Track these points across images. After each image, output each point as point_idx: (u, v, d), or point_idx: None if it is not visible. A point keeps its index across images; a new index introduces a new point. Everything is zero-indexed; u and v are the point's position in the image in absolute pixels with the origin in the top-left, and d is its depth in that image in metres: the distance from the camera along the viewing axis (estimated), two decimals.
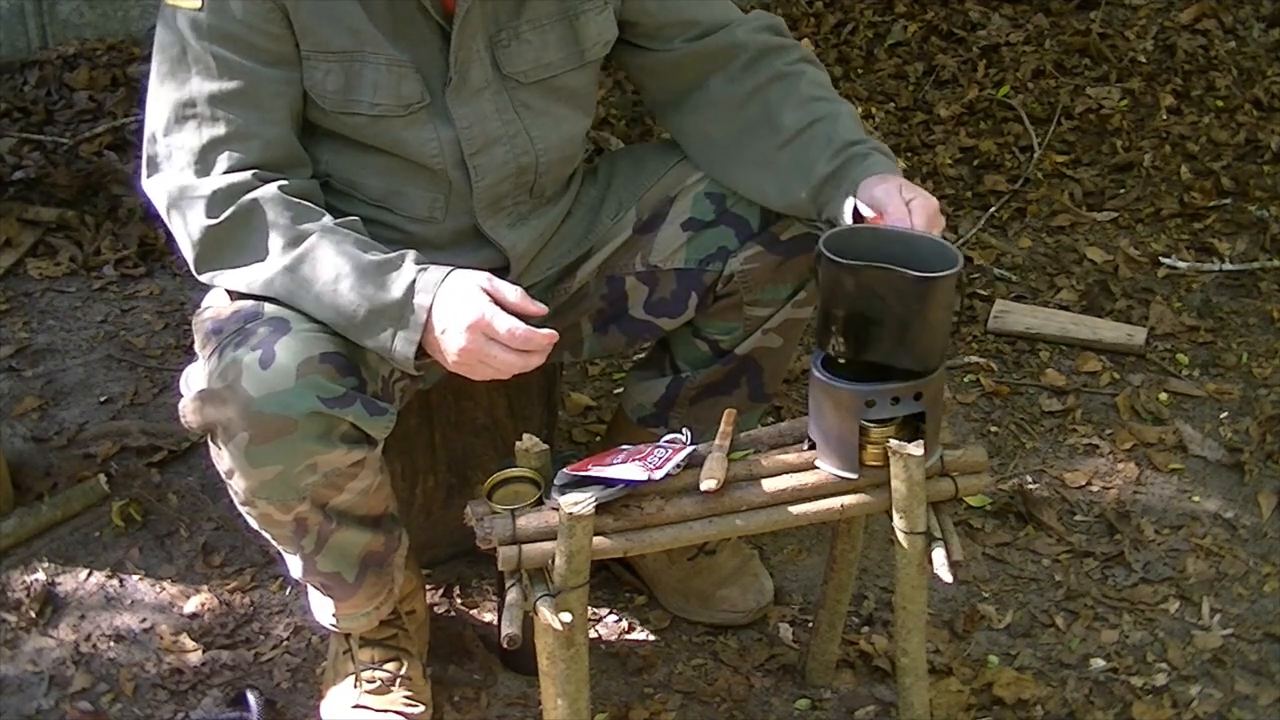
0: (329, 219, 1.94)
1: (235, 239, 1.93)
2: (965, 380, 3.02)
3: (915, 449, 1.92)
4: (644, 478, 1.90)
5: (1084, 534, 2.68)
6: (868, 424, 1.94)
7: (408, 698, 2.26)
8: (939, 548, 1.98)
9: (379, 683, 2.26)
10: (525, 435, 1.97)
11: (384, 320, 1.88)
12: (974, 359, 3.06)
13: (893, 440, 1.94)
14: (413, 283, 1.87)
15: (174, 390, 2.83)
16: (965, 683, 2.36)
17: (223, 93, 1.93)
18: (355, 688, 2.26)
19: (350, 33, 1.97)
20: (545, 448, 1.96)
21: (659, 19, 2.16)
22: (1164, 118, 3.84)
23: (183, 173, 1.94)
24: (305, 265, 1.90)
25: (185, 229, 1.95)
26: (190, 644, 2.42)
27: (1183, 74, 4.01)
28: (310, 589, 2.20)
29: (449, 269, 1.89)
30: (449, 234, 2.12)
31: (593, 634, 2.43)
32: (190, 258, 1.97)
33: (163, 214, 1.98)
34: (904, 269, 1.85)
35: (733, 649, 2.45)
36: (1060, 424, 2.92)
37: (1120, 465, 2.82)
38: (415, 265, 1.90)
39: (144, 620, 2.47)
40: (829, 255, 1.87)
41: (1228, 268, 3.33)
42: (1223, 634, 2.48)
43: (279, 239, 1.91)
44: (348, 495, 1.98)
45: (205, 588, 2.52)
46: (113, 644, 2.43)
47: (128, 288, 3.23)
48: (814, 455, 2.00)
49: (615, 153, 2.43)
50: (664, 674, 2.40)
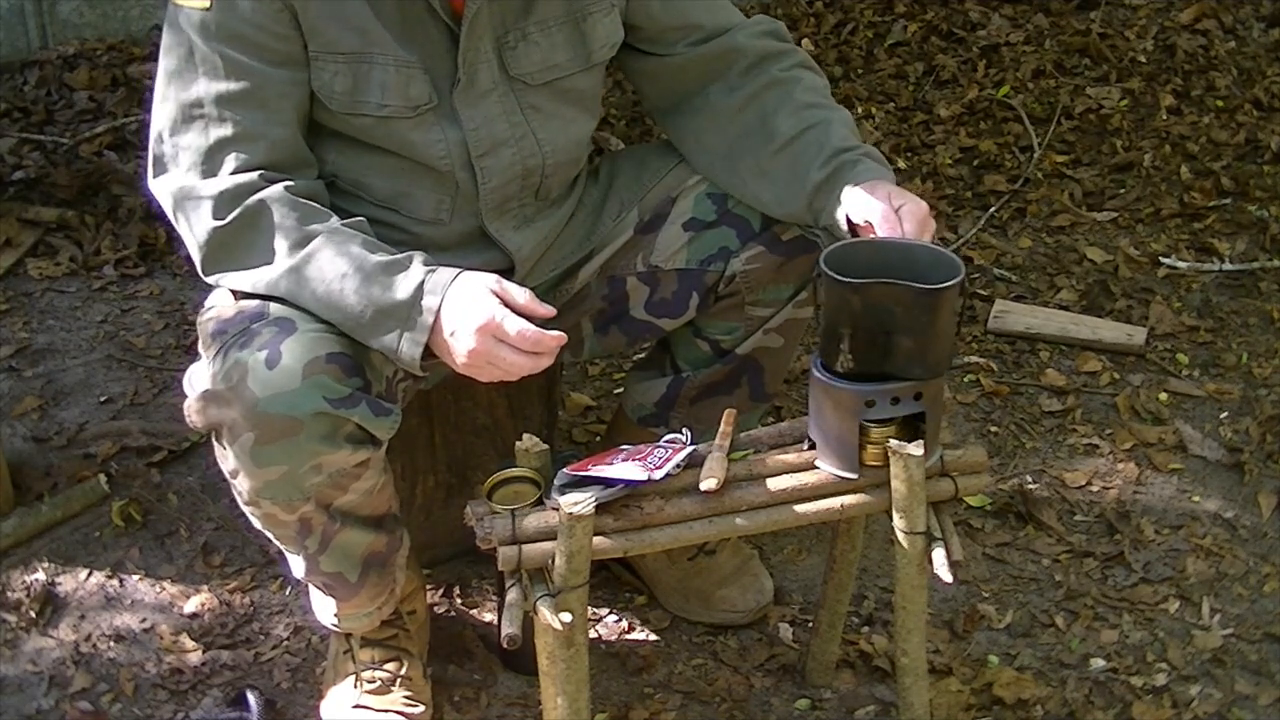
0: (335, 220, 1.94)
1: (242, 240, 1.93)
2: (965, 380, 3.02)
3: (915, 449, 1.92)
4: (644, 478, 1.90)
5: (1084, 534, 2.68)
6: (868, 424, 1.94)
7: (408, 698, 2.26)
8: (939, 548, 1.98)
9: (379, 683, 2.26)
10: (525, 435, 1.97)
11: (391, 321, 1.88)
12: (974, 359, 3.06)
13: (893, 440, 1.94)
14: (421, 284, 1.87)
15: (174, 390, 2.84)
16: (965, 683, 2.36)
17: (230, 93, 1.93)
18: (355, 688, 2.26)
19: (358, 33, 1.97)
20: (545, 448, 1.96)
21: (662, 22, 2.16)
22: (1164, 118, 3.84)
23: (189, 173, 1.94)
24: (311, 266, 1.90)
25: (191, 230, 1.95)
26: (190, 644, 2.42)
27: (1183, 74, 4.02)
28: (312, 589, 2.20)
29: (457, 270, 1.89)
30: (455, 236, 2.12)
31: (593, 634, 2.43)
32: (197, 259, 1.97)
33: (169, 215, 1.98)
34: (907, 282, 1.85)
35: (733, 649, 2.45)
36: (1060, 424, 2.92)
37: (1120, 465, 2.82)
38: (423, 266, 1.89)
39: (144, 620, 2.47)
40: (832, 275, 1.86)
41: (1228, 268, 3.33)
42: (1223, 634, 2.48)
43: (285, 240, 1.91)
44: (352, 495, 1.98)
45: (205, 588, 2.52)
46: (113, 644, 2.42)
47: (128, 288, 3.23)
48: (814, 455, 2.00)
49: (616, 153, 2.43)
50: (664, 674, 2.40)
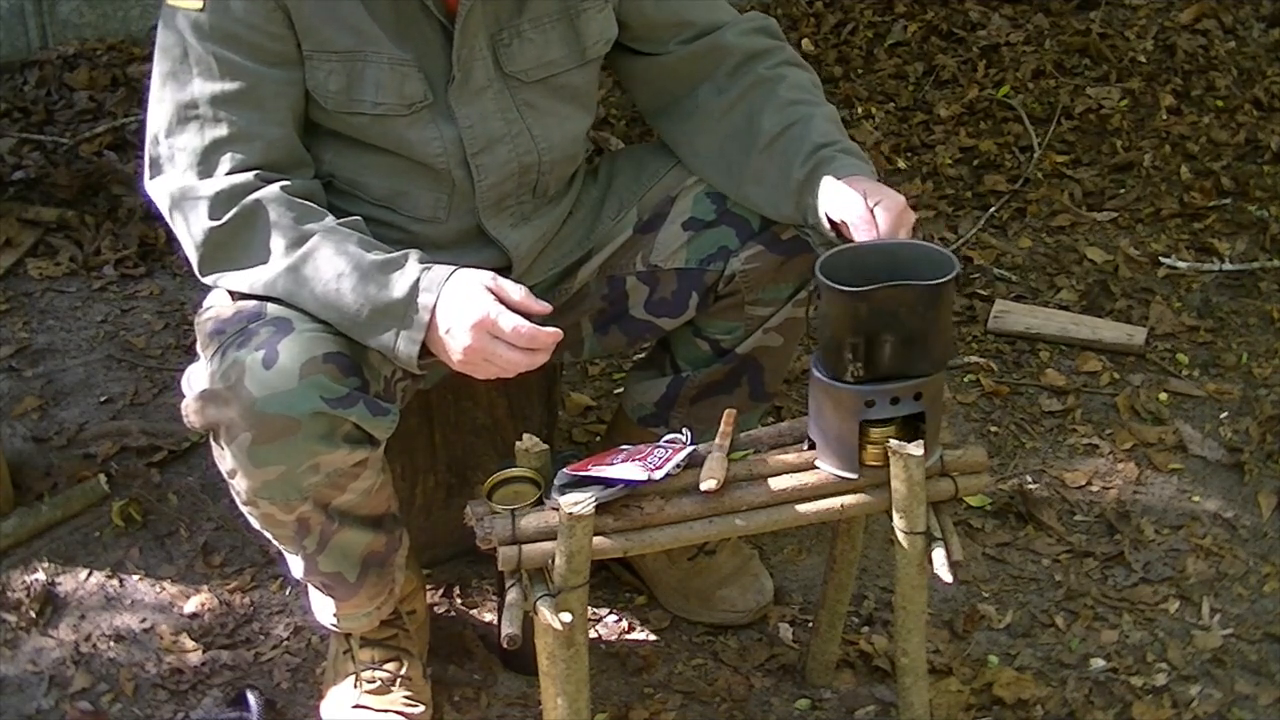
0: (331, 219, 1.94)
1: (238, 240, 1.93)
2: (965, 380, 3.02)
3: (915, 449, 1.92)
4: (644, 478, 1.90)
5: (1084, 534, 2.68)
6: (868, 424, 1.94)
7: (408, 698, 2.26)
8: (939, 548, 1.98)
9: (379, 683, 2.26)
10: (525, 435, 1.97)
11: (387, 320, 1.88)
12: (974, 359, 3.06)
13: (893, 440, 1.94)
14: (416, 282, 1.87)
15: (174, 390, 2.84)
16: (965, 683, 2.36)
17: (225, 93, 1.93)
18: (355, 688, 2.26)
19: (352, 32, 1.97)
20: (545, 448, 1.96)
21: (655, 19, 2.16)
22: (1164, 118, 3.84)
23: (185, 174, 1.94)
24: (308, 265, 1.90)
25: (188, 231, 1.95)
26: (190, 644, 2.42)
27: (1183, 74, 4.01)
28: (311, 589, 2.20)
29: (453, 268, 1.89)
30: (452, 234, 2.12)
31: (593, 634, 2.43)
32: (194, 259, 1.97)
33: (166, 216, 1.98)
34: (910, 281, 1.85)
35: (733, 649, 2.45)
36: (1060, 424, 2.92)
37: (1120, 465, 2.82)
38: (419, 264, 1.90)
39: (144, 620, 2.47)
40: (837, 287, 1.86)
41: (1228, 268, 3.33)
42: (1223, 634, 2.48)
43: (282, 239, 1.91)
44: (350, 495, 1.98)
45: (205, 588, 2.52)
46: (113, 644, 2.42)
47: (128, 288, 3.22)
48: (814, 455, 2.00)
49: (616, 153, 2.43)
50: (664, 674, 2.40)
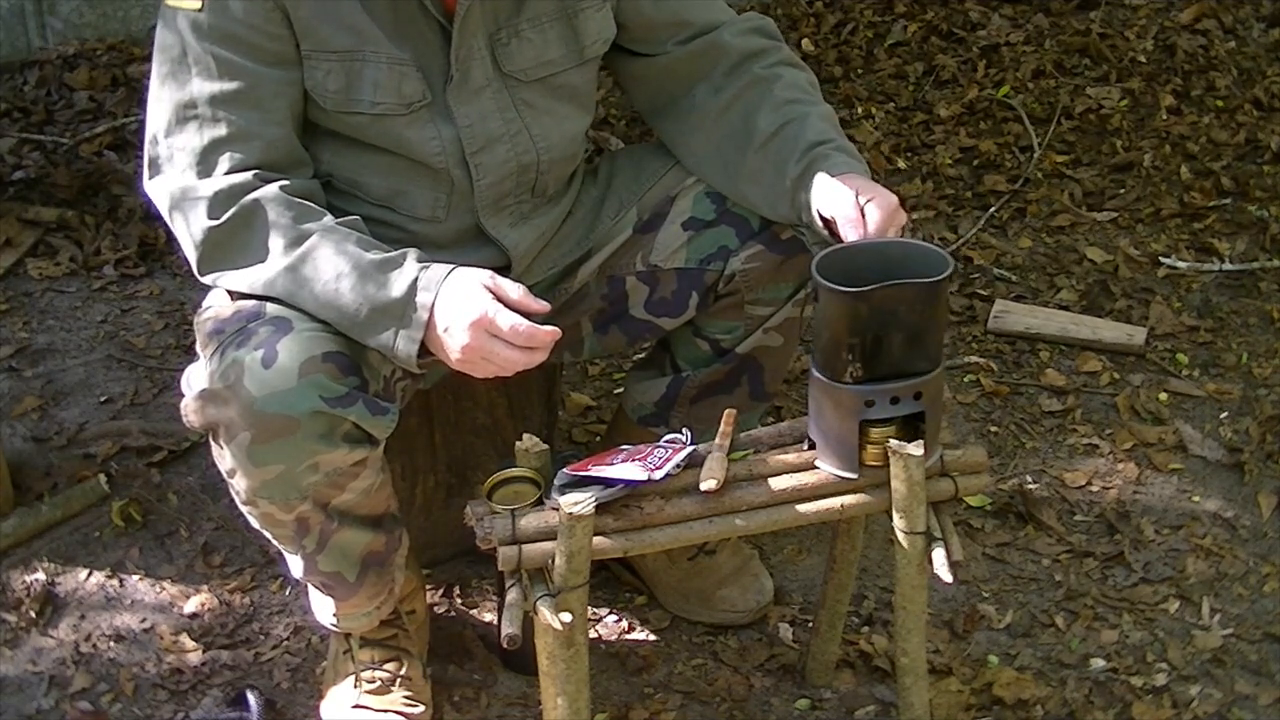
0: (330, 219, 1.95)
1: (237, 240, 1.93)
2: (965, 380, 3.02)
3: (915, 449, 1.92)
4: (644, 478, 1.90)
5: (1084, 534, 2.68)
6: (868, 424, 1.94)
7: (408, 698, 2.26)
8: (939, 548, 1.98)
9: (379, 683, 2.26)
10: (525, 435, 1.97)
11: (386, 319, 1.88)
12: (974, 359, 3.06)
13: (893, 440, 1.94)
14: (415, 280, 1.87)
15: (174, 390, 2.83)
16: (965, 683, 2.36)
17: (223, 93, 1.93)
18: (355, 688, 2.26)
19: (351, 32, 1.97)
20: (545, 448, 1.96)
21: (653, 19, 2.16)
22: (1164, 118, 3.84)
23: (184, 174, 1.95)
24: (307, 265, 1.90)
25: (187, 230, 1.95)
26: (190, 644, 2.42)
27: (1183, 74, 4.01)
28: (311, 589, 2.20)
29: (451, 267, 1.89)
30: (451, 233, 2.12)
31: (593, 634, 2.43)
32: (193, 259, 1.97)
33: (165, 216, 1.98)
34: (908, 280, 1.85)
35: (733, 649, 2.45)
36: (1060, 424, 2.92)
37: (1120, 465, 2.82)
38: (417, 263, 1.90)
39: (144, 620, 2.47)
40: (837, 288, 1.86)
41: (1228, 268, 3.33)
42: (1223, 634, 2.47)
43: (280, 239, 1.91)
44: (349, 495, 1.98)
45: (205, 588, 2.52)
46: (113, 644, 2.42)
47: (128, 288, 3.22)
48: (814, 455, 2.00)
49: (615, 152, 2.43)
50: (664, 674, 2.40)
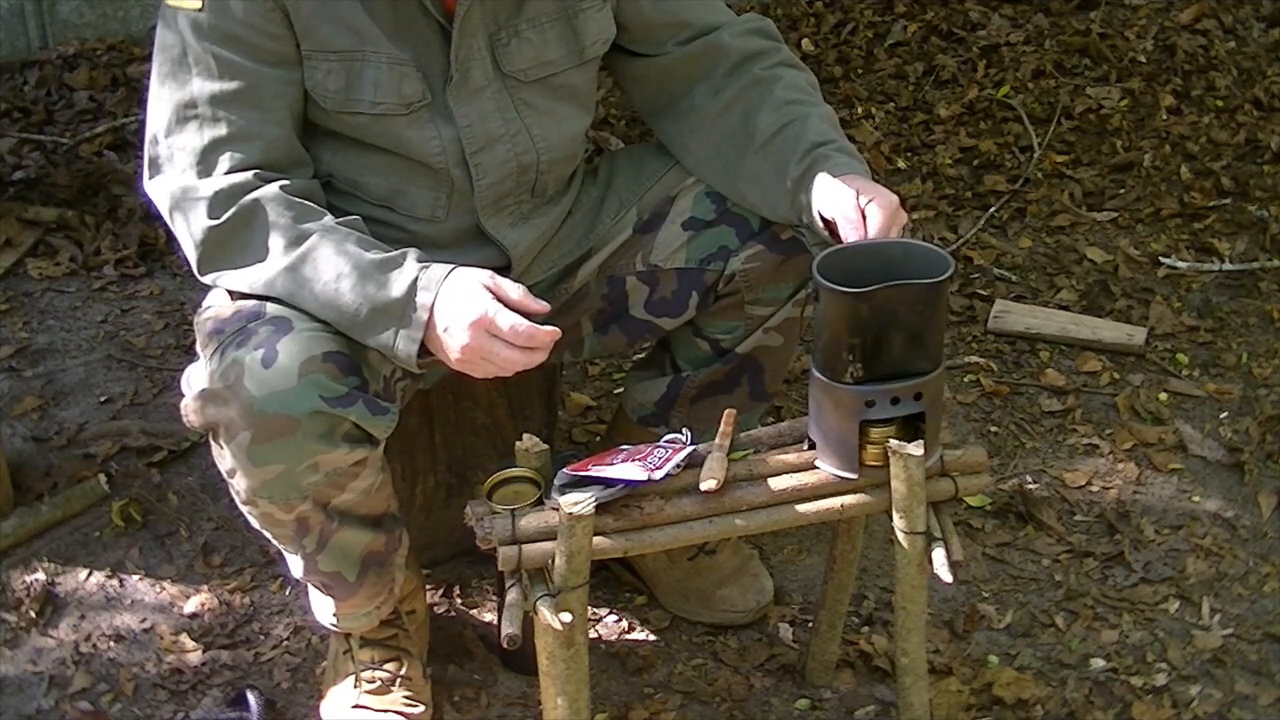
0: (330, 218, 1.95)
1: (237, 239, 1.93)
2: (965, 380, 3.02)
3: (915, 449, 1.92)
4: (644, 478, 1.90)
5: (1084, 534, 2.68)
6: (868, 424, 1.94)
7: (408, 698, 2.26)
8: (939, 548, 1.98)
9: (379, 683, 2.26)
10: (525, 435, 1.97)
11: (386, 319, 1.88)
12: (974, 359, 3.06)
13: (893, 440, 1.93)
14: (415, 280, 1.87)
15: (174, 390, 2.83)
16: (965, 683, 2.36)
17: (224, 93, 1.93)
18: (355, 688, 2.26)
19: (351, 32, 1.97)
20: (545, 448, 1.96)
21: (653, 20, 2.16)
22: (1164, 118, 3.84)
23: (184, 174, 1.95)
24: (307, 265, 1.90)
25: (188, 230, 1.95)
26: (190, 644, 2.42)
27: (1183, 74, 4.01)
28: (311, 589, 2.20)
29: (451, 266, 1.89)
30: (451, 233, 2.12)
31: (593, 634, 2.43)
32: (193, 259, 1.97)
33: (165, 215, 1.98)
34: (904, 280, 1.85)
35: (733, 649, 2.45)
36: (1060, 424, 2.92)
37: (1120, 465, 2.82)
38: (417, 263, 1.90)
39: (144, 620, 2.47)
40: (839, 289, 1.85)
41: (1228, 268, 3.33)
42: (1223, 634, 2.47)
43: (280, 239, 1.91)
44: (349, 495, 1.98)
45: (205, 588, 2.52)
46: (113, 644, 2.42)
47: (128, 288, 3.22)
48: (814, 455, 2.00)
49: (615, 152, 2.43)
50: (664, 674, 2.40)
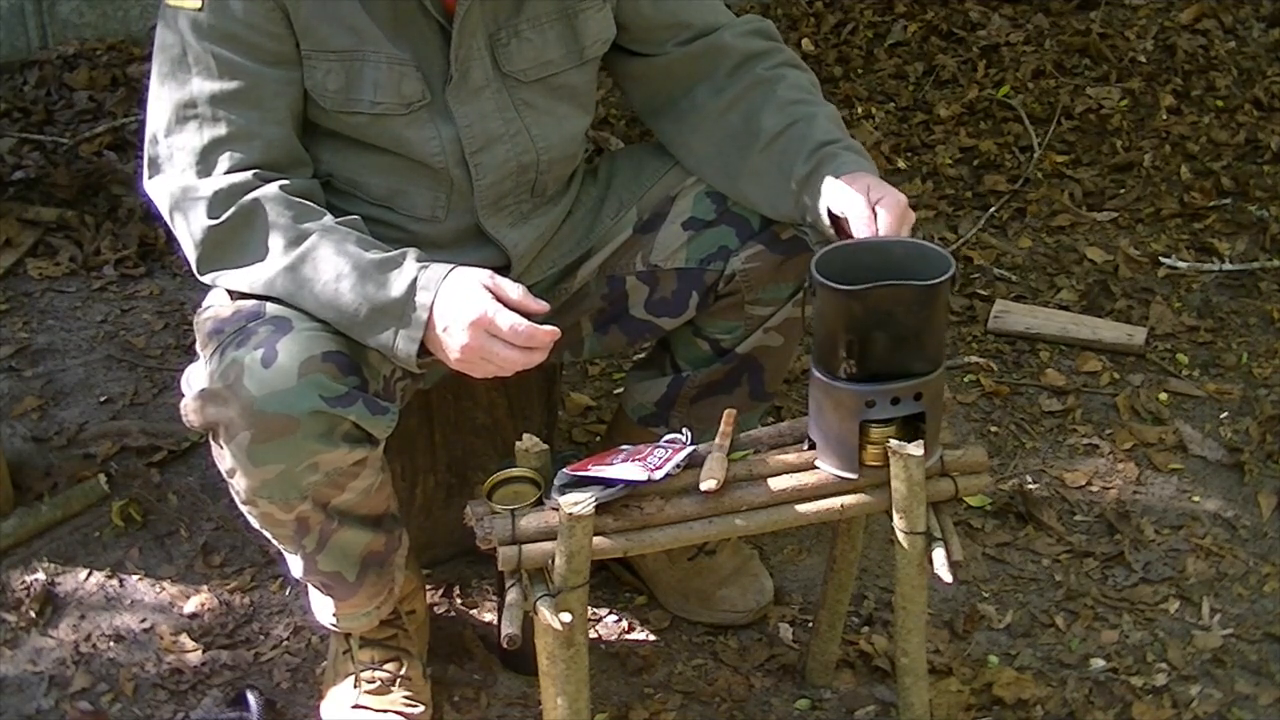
0: (330, 218, 1.95)
1: (237, 239, 1.93)
2: (965, 380, 3.02)
3: (915, 449, 1.92)
4: (644, 478, 1.90)
5: (1084, 534, 2.68)
6: (868, 424, 1.94)
7: (408, 698, 2.26)
8: (939, 548, 1.98)
9: (379, 683, 2.26)
10: (525, 435, 1.97)
11: (386, 319, 1.88)
12: (974, 359, 3.06)
13: (893, 440, 1.93)
14: (414, 280, 1.87)
15: (174, 390, 2.83)
16: (965, 683, 2.36)
17: (224, 93, 1.93)
18: (355, 688, 2.26)
19: (351, 32, 1.97)
20: (545, 448, 1.96)
21: (652, 20, 2.16)
22: (1164, 118, 3.84)
23: (184, 173, 1.95)
24: (306, 264, 1.90)
25: (187, 230, 1.95)
26: (190, 644, 2.42)
27: (1183, 74, 4.01)
28: (311, 589, 2.20)
29: (450, 266, 1.89)
30: (451, 233, 2.12)
31: (593, 634, 2.43)
32: (192, 258, 1.97)
33: (165, 215, 1.99)
34: (903, 281, 1.85)
35: (733, 649, 2.45)
36: (1060, 424, 2.92)
37: (1120, 465, 2.82)
38: (416, 263, 1.90)
39: (144, 620, 2.47)
40: (832, 285, 1.86)
41: (1228, 268, 3.33)
42: (1223, 634, 2.47)
43: (280, 238, 1.91)
44: (349, 494, 1.98)
45: (205, 588, 2.52)
46: (113, 644, 2.42)
47: (128, 288, 3.23)
48: (814, 455, 2.00)
49: (615, 152, 2.43)
50: (664, 674, 2.40)
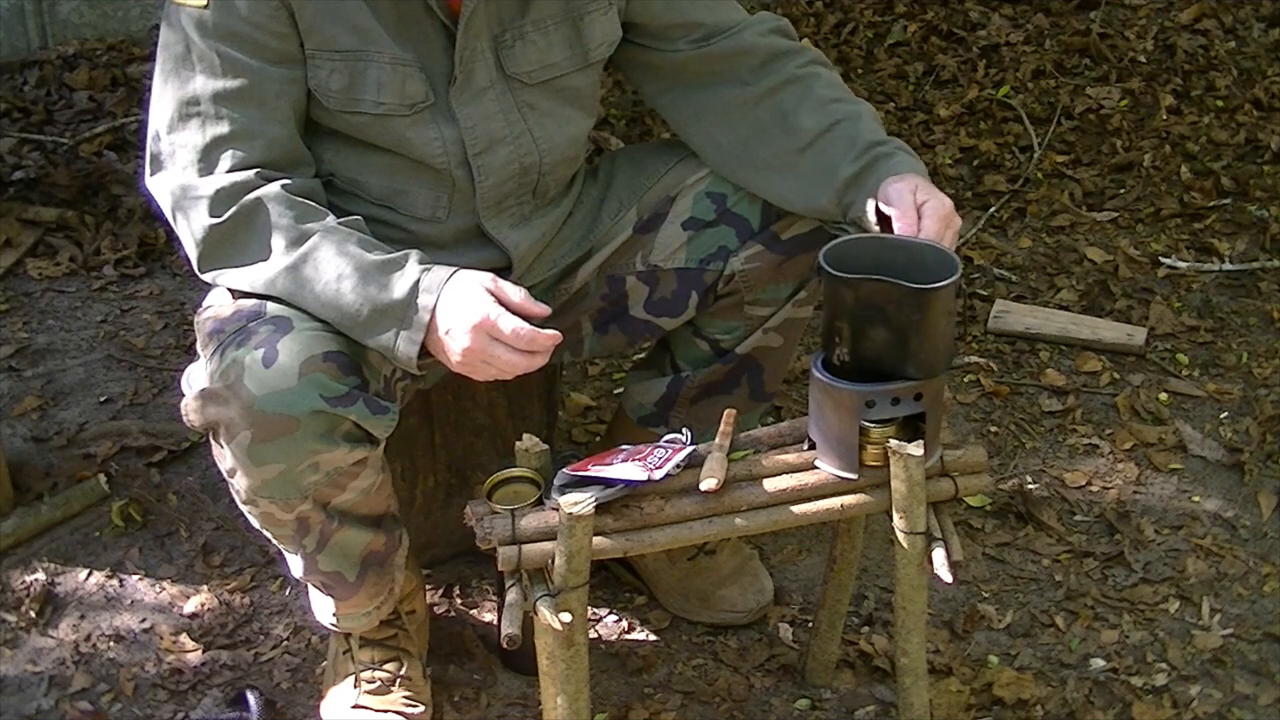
0: (332, 218, 1.94)
1: (238, 238, 1.93)
2: (965, 380, 3.02)
3: (915, 449, 1.92)
4: (644, 478, 1.90)
5: (1084, 534, 2.68)
6: (868, 424, 1.94)
7: (408, 698, 2.26)
8: (939, 548, 1.98)
9: (379, 683, 2.26)
10: (525, 435, 1.97)
11: (387, 320, 1.88)
12: (974, 359, 3.06)
13: (893, 440, 1.93)
14: (417, 282, 1.87)
15: (174, 390, 2.84)
16: (965, 683, 2.36)
17: (227, 91, 1.93)
18: (355, 688, 2.26)
19: (355, 32, 1.97)
20: (545, 448, 1.96)
21: (663, 20, 2.16)
22: (1164, 118, 3.84)
23: (186, 171, 1.95)
24: (308, 265, 1.90)
25: (188, 228, 1.95)
26: (190, 644, 2.42)
27: (1183, 74, 4.02)
28: (311, 588, 2.19)
29: (453, 269, 1.89)
30: (452, 234, 2.12)
31: (593, 634, 2.43)
32: (193, 257, 1.97)
33: (166, 213, 1.98)
34: (900, 280, 1.85)
35: (733, 649, 2.45)
36: (1060, 424, 2.92)
37: (1120, 465, 2.82)
38: (419, 265, 1.90)
39: (144, 620, 2.47)
40: (828, 269, 1.88)
41: (1228, 268, 3.33)
42: (1223, 634, 2.47)
43: (281, 238, 1.91)
44: (350, 494, 1.98)
45: (205, 588, 2.52)
46: (113, 644, 2.42)
47: (128, 288, 3.23)
48: (814, 455, 2.00)
49: (615, 152, 2.43)
50: (664, 674, 2.40)
